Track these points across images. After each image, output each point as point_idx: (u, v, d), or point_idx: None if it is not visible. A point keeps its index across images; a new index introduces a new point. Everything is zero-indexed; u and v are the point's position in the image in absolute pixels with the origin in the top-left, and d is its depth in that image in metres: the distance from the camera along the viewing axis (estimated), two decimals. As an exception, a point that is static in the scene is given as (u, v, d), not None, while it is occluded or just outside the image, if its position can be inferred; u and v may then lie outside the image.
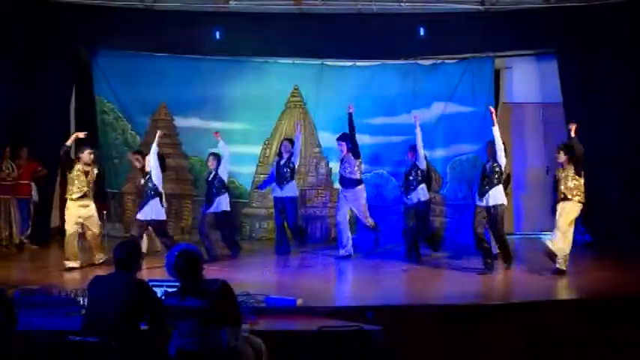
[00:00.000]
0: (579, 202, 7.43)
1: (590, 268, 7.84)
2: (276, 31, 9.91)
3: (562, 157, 7.55)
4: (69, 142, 8.08)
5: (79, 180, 7.96)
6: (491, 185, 7.63)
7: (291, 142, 9.16)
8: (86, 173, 8.01)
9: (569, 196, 7.42)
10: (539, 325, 5.90)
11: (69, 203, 8.02)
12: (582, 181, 7.42)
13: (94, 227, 8.04)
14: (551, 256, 7.40)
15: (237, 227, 10.26)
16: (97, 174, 8.22)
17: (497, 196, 7.63)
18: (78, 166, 7.99)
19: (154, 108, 10.39)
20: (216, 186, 8.54)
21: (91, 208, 8.05)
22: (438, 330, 5.75)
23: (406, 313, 5.98)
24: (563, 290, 7.19)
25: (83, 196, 7.97)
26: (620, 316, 6.03)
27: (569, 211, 7.42)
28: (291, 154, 9.01)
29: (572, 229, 7.48)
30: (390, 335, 5.11)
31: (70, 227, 7.95)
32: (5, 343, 4.15)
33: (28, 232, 9.34)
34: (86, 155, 8.02)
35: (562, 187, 7.48)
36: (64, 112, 10.09)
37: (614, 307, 6.20)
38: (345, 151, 8.84)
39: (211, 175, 8.62)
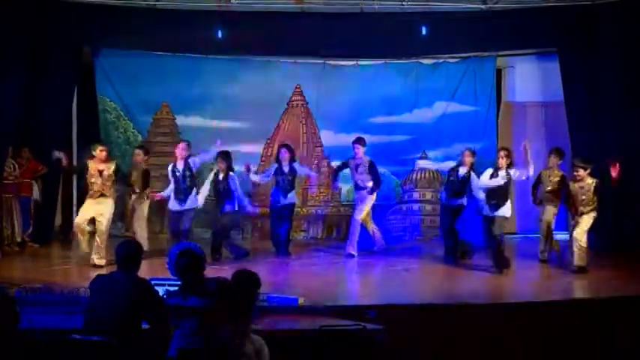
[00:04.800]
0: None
1: (595, 268, 7.80)
2: (277, 30, 9.91)
3: (582, 173, 7.60)
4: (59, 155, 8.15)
5: (95, 178, 7.95)
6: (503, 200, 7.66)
7: (289, 148, 9.01)
8: (100, 172, 7.97)
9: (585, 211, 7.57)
10: (543, 325, 5.89)
11: (86, 200, 8.08)
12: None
13: (102, 225, 7.99)
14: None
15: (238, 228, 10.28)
16: (115, 170, 8.07)
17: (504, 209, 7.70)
18: (92, 165, 7.98)
19: (156, 107, 10.39)
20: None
21: (106, 205, 8.00)
22: (440, 329, 5.75)
23: (408, 313, 5.98)
24: (568, 290, 7.19)
25: (101, 195, 7.96)
26: (625, 316, 6.02)
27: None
28: (293, 164, 8.90)
29: None
30: (391, 334, 5.11)
31: (79, 220, 8.00)
32: (7, 340, 4.15)
33: (30, 230, 9.33)
34: (97, 152, 8.01)
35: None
36: (66, 111, 10.09)
37: (618, 308, 6.20)
38: (360, 154, 8.83)
39: (221, 176, 8.39)
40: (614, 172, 7.47)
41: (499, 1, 9.82)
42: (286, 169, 8.83)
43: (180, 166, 8.28)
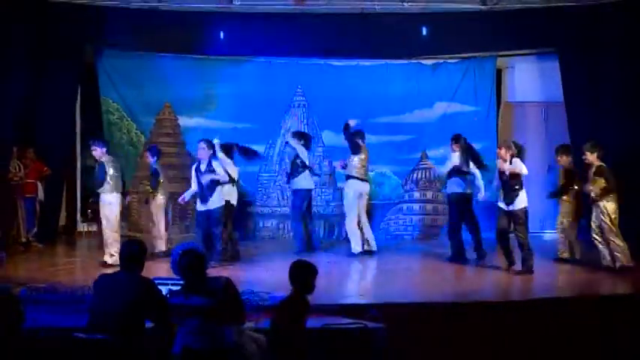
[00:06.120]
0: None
1: (595, 265, 7.81)
2: (279, 31, 9.92)
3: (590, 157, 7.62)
4: None
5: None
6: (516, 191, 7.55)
7: (299, 135, 9.08)
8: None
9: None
10: (543, 322, 5.88)
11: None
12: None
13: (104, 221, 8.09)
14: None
15: (242, 226, 10.30)
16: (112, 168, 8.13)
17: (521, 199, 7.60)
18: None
19: (159, 108, 10.39)
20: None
21: (104, 203, 8.08)
22: (441, 328, 5.75)
23: (409, 311, 5.99)
24: (569, 288, 7.20)
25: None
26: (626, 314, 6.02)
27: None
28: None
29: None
30: (393, 333, 5.11)
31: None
32: (12, 339, 4.16)
33: (35, 230, 9.35)
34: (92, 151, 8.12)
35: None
36: (69, 112, 10.12)
37: (618, 305, 6.20)
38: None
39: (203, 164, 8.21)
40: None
41: (499, 2, 9.82)
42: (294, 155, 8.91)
43: (203, 166, 8.13)
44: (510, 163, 7.50)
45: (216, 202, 8.00)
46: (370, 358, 5.00)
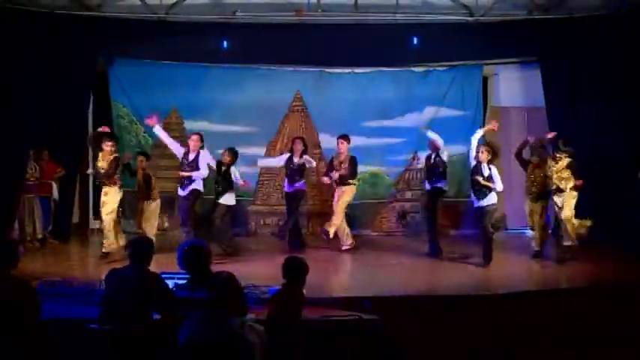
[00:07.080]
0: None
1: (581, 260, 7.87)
2: (279, 40, 9.93)
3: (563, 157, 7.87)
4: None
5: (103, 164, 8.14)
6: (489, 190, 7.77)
7: (303, 141, 9.04)
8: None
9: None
10: (535, 315, 5.87)
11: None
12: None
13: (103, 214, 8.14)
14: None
15: (244, 224, 10.32)
16: (113, 160, 8.14)
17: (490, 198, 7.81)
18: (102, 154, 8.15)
19: (166, 112, 10.41)
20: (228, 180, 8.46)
21: (107, 196, 8.14)
22: (433, 319, 5.76)
23: (402, 303, 6.02)
24: (563, 280, 7.25)
25: (102, 183, 8.15)
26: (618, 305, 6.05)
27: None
28: (304, 156, 8.87)
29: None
30: (387, 324, 5.14)
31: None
32: (30, 330, 4.19)
33: (50, 228, 9.38)
34: (104, 146, 8.19)
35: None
36: (82, 117, 10.13)
37: (608, 297, 6.24)
38: (343, 149, 8.81)
39: (223, 169, 8.45)
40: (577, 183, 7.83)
41: (485, 14, 9.86)
42: (297, 159, 8.86)
43: (191, 156, 8.29)
44: (488, 166, 7.75)
45: (192, 188, 8.19)
46: (366, 349, 5.02)
